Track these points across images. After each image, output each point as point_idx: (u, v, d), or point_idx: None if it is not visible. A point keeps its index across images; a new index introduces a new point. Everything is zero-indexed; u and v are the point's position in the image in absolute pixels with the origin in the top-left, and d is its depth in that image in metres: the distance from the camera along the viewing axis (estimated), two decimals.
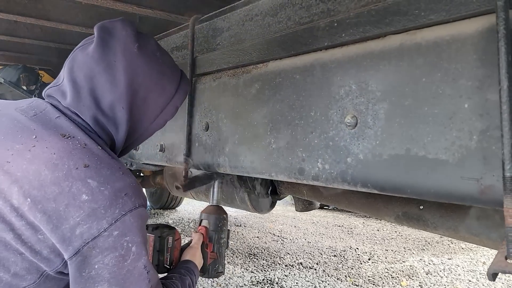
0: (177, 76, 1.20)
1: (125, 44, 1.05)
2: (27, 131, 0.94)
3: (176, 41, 1.95)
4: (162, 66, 1.13)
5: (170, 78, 1.16)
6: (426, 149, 0.91)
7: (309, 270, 3.91)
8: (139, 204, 0.94)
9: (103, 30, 1.07)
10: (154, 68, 1.10)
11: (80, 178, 0.88)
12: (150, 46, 1.13)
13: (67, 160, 0.89)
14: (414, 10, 0.92)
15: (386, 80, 1.00)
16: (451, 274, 3.95)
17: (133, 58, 1.05)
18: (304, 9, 1.27)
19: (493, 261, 0.77)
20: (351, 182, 1.09)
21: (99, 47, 1.04)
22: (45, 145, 0.91)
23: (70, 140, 0.95)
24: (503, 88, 0.74)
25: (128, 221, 0.90)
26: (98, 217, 0.86)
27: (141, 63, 1.06)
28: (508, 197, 0.74)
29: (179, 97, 1.20)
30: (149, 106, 1.11)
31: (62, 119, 1.00)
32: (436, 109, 0.89)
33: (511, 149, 0.74)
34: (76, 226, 0.84)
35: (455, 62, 0.86)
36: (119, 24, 1.09)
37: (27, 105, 1.04)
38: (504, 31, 0.74)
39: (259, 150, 1.40)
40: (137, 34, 1.11)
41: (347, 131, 1.10)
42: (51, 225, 0.84)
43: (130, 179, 0.96)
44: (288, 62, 1.30)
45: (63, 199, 0.85)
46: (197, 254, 1.44)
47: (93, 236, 0.85)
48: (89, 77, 1.02)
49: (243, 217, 6.29)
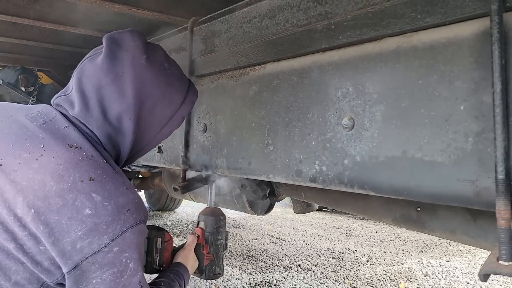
0: (184, 86, 1.21)
1: (134, 56, 1.06)
2: (35, 140, 0.94)
3: (175, 43, 1.95)
4: (170, 77, 1.14)
5: (177, 89, 1.16)
6: (422, 151, 0.91)
7: (307, 272, 3.91)
8: (140, 220, 0.95)
9: (111, 41, 1.08)
10: (161, 79, 1.10)
11: (84, 192, 0.88)
12: (159, 57, 1.13)
13: (73, 172, 0.89)
14: (410, 13, 0.92)
15: (383, 82, 1.01)
16: (449, 276, 3.96)
17: (141, 70, 1.06)
18: (301, 11, 1.27)
19: (485, 262, 0.77)
20: (348, 184, 1.10)
21: (108, 58, 1.04)
22: (52, 155, 0.91)
23: (77, 151, 0.95)
24: (496, 91, 0.75)
25: (128, 238, 0.90)
26: (100, 232, 0.86)
27: (149, 75, 1.07)
28: (500, 199, 0.74)
29: (185, 108, 1.20)
30: (156, 117, 1.11)
31: (71, 129, 1.00)
32: (432, 111, 0.89)
33: (503, 151, 0.75)
34: (77, 240, 0.85)
35: (451, 64, 0.86)
36: (127, 35, 1.10)
37: (37, 112, 1.05)
38: (498, 34, 0.75)
39: (256, 151, 1.40)
40: (146, 45, 1.11)
41: (344, 133, 1.10)
42: (52, 238, 0.84)
43: (133, 194, 0.97)
44: (285, 64, 1.31)
45: (66, 212, 0.85)
46: (189, 256, 1.44)
47: (94, 251, 0.85)
48: (97, 88, 1.03)
49: (241, 219, 6.28)
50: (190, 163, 1.75)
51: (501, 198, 0.74)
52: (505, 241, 0.75)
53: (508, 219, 0.75)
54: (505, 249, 0.75)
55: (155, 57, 1.11)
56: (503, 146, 0.75)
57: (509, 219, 0.75)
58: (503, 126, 0.75)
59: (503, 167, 0.75)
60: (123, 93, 1.03)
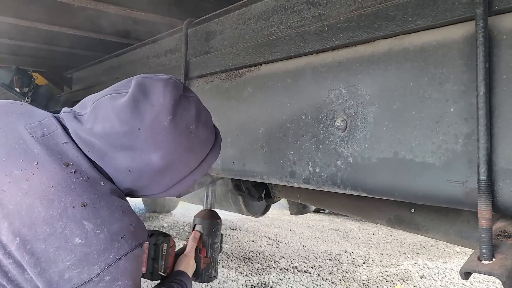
0: (206, 150, 1.07)
1: (157, 114, 0.94)
2: (29, 155, 0.89)
3: (170, 44, 1.96)
4: (192, 141, 1.01)
5: (197, 154, 1.05)
6: (413, 153, 0.92)
7: (303, 274, 3.91)
8: (136, 244, 0.88)
9: (140, 87, 0.96)
10: (182, 144, 0.98)
11: (75, 219, 0.82)
12: (186, 118, 0.99)
13: (65, 196, 0.84)
14: (402, 16, 0.93)
15: (375, 84, 1.01)
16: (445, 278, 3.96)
17: (161, 132, 0.94)
18: (295, 13, 1.28)
19: (466, 260, 0.79)
20: (341, 185, 1.10)
21: (129, 107, 0.94)
22: (45, 174, 0.86)
23: (72, 170, 0.89)
24: (479, 94, 0.76)
25: (122, 265, 0.85)
26: (90, 262, 0.81)
27: (168, 139, 0.95)
28: (481, 200, 0.75)
29: (200, 171, 1.08)
30: (164, 179, 1.01)
31: (69, 146, 0.93)
32: (423, 113, 0.90)
33: (486, 153, 0.76)
34: (65, 271, 0.80)
35: (441, 66, 0.87)
36: (160, 85, 0.97)
37: (38, 122, 0.98)
38: (482, 38, 0.76)
39: (251, 153, 1.41)
40: (177, 103, 0.97)
41: (337, 135, 1.11)
42: (38, 268, 0.79)
43: (130, 218, 0.90)
44: (280, 66, 1.31)
45: (54, 241, 0.80)
46: (191, 262, 1.42)
47: (83, 282, 0.80)
48: (107, 134, 0.94)
49: (238, 220, 6.28)
50: None
51: (483, 199, 0.76)
52: (485, 241, 0.76)
53: (488, 219, 0.76)
54: (485, 248, 0.76)
55: (182, 118, 0.98)
56: (485, 148, 0.76)
57: (489, 219, 0.76)
58: (485, 128, 0.76)
59: (485, 168, 0.76)
60: (132, 148, 0.94)
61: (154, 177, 0.98)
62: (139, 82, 0.97)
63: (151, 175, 0.97)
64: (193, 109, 1.02)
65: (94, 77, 2.93)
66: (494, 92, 0.78)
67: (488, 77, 0.76)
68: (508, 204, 0.77)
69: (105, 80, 2.65)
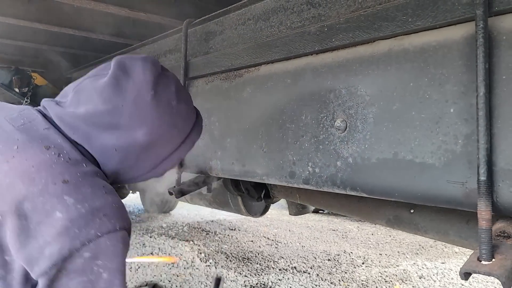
0: (188, 126, 1.10)
1: (139, 90, 0.97)
2: (10, 142, 0.89)
3: (169, 44, 1.96)
4: (175, 117, 1.04)
5: (180, 130, 1.07)
6: (413, 153, 0.92)
7: (302, 274, 3.91)
8: (120, 227, 0.85)
9: (120, 67, 0.99)
10: (165, 119, 1.00)
11: (56, 195, 0.81)
12: (168, 94, 1.02)
13: (46, 174, 0.83)
14: (402, 16, 0.93)
15: (375, 84, 1.01)
16: (444, 278, 3.96)
17: (144, 107, 0.96)
18: (295, 14, 1.28)
19: (466, 261, 0.79)
20: (340, 185, 1.10)
21: (111, 85, 0.96)
22: (25, 156, 0.85)
23: (53, 152, 0.88)
24: (479, 94, 0.76)
25: (104, 244, 0.81)
26: (71, 236, 0.79)
27: (152, 114, 0.97)
28: (481, 200, 0.76)
29: (184, 148, 1.10)
30: (149, 156, 1.02)
31: (51, 131, 0.93)
32: (423, 113, 0.90)
33: (485, 153, 0.76)
34: (45, 246, 0.78)
35: (441, 67, 0.87)
36: (139, 64, 1.00)
37: (18, 113, 0.98)
38: (482, 39, 0.76)
39: (250, 153, 1.41)
40: (156, 79, 1.00)
41: (337, 135, 1.11)
42: (18, 244, 0.78)
43: (113, 199, 0.89)
44: (279, 66, 1.31)
45: (35, 217, 0.79)
46: None
47: (63, 257, 0.78)
48: (90, 114, 0.95)
49: (237, 221, 6.28)
50: (184, 165, 1.75)
51: (482, 199, 0.76)
52: (485, 241, 0.76)
53: (488, 219, 0.76)
54: (485, 249, 0.76)
55: (163, 94, 1.01)
56: (485, 149, 0.76)
57: (489, 219, 0.76)
58: (485, 129, 0.76)
59: (484, 168, 0.76)
60: (117, 126, 0.95)
61: (140, 154, 0.99)
62: (118, 62, 0.99)
63: (137, 153, 0.98)
64: (173, 85, 1.05)
65: None
66: (494, 92, 0.78)
67: (488, 77, 0.77)
68: (508, 204, 0.77)
69: None
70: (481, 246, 0.77)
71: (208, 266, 4.05)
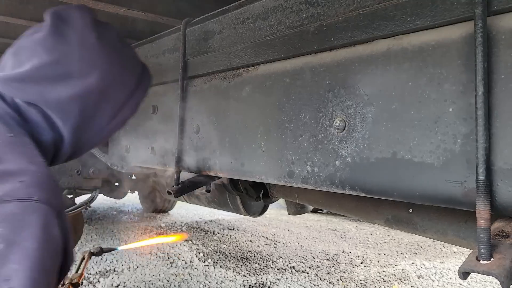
0: (138, 68, 1.11)
1: (83, 34, 0.95)
2: None
3: (168, 43, 1.95)
4: (123, 58, 1.04)
5: (131, 71, 1.07)
6: (412, 153, 0.92)
7: (301, 274, 3.91)
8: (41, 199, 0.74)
9: (56, 17, 0.96)
10: (114, 61, 1.00)
11: None
12: (111, 36, 1.03)
13: None
14: (400, 16, 0.93)
15: (374, 84, 1.01)
16: (442, 278, 3.97)
17: (91, 49, 0.95)
18: (294, 13, 1.28)
19: (465, 260, 0.79)
20: (339, 185, 1.10)
21: (52, 35, 0.92)
22: None
23: None
24: (478, 94, 0.76)
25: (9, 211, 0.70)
26: None
27: (101, 56, 0.96)
28: (480, 200, 0.76)
29: (140, 93, 1.09)
30: (107, 102, 1.00)
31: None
32: (421, 113, 0.90)
33: (484, 153, 0.76)
34: None
35: (440, 67, 0.87)
36: (75, 11, 0.98)
37: None
38: (481, 38, 0.76)
39: (249, 153, 1.41)
40: (95, 21, 1.00)
41: (335, 134, 1.11)
42: None
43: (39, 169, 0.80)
44: (278, 66, 1.31)
45: None
46: None
47: None
48: (37, 68, 0.90)
49: (236, 220, 6.28)
50: (183, 164, 1.74)
51: (481, 199, 0.76)
52: (484, 241, 0.76)
53: (487, 219, 0.76)
54: (483, 248, 0.76)
55: (106, 36, 1.00)
56: (483, 148, 0.76)
57: (488, 219, 0.76)
58: (484, 128, 0.76)
59: (483, 168, 0.76)
60: (69, 74, 0.92)
61: (98, 102, 0.98)
62: (53, 13, 0.97)
63: (95, 100, 0.97)
64: (113, 30, 1.07)
65: None
66: (492, 92, 0.78)
67: (486, 77, 0.77)
68: (506, 204, 0.77)
69: None
70: (480, 246, 0.77)
71: (206, 265, 4.05)
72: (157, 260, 4.16)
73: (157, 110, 1.98)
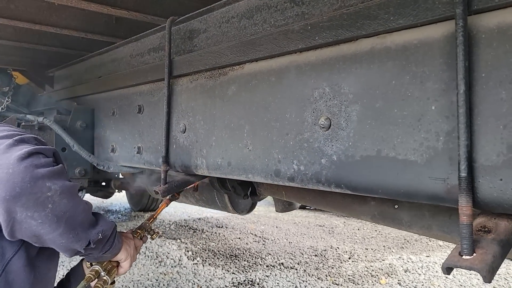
0: None
1: None
2: None
3: (153, 42, 1.94)
4: None
5: None
6: (396, 150, 0.93)
7: (290, 270, 3.93)
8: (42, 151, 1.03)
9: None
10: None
11: None
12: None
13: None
14: (383, 15, 0.94)
15: (358, 82, 1.02)
16: (428, 271, 4.03)
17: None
18: (279, 12, 1.28)
19: (448, 256, 0.80)
20: (325, 183, 1.11)
21: None
22: None
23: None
24: (459, 92, 0.77)
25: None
26: None
27: None
28: (462, 196, 0.77)
29: None
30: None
31: None
32: (405, 111, 0.91)
33: (466, 150, 0.77)
34: None
35: (422, 65, 0.88)
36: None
37: None
38: (462, 37, 0.77)
39: (236, 151, 1.41)
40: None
41: (321, 133, 1.11)
42: None
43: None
44: (264, 64, 1.31)
45: None
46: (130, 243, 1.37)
47: None
48: None
49: (224, 218, 6.27)
50: (170, 163, 1.74)
51: (463, 195, 0.77)
52: (466, 236, 0.78)
53: (469, 215, 0.77)
54: (466, 244, 0.78)
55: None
56: (465, 145, 0.77)
57: (470, 215, 0.77)
58: (466, 125, 0.77)
59: (465, 165, 0.77)
60: None
61: None
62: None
63: None
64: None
65: (77, 75, 2.88)
66: (473, 90, 0.79)
67: (468, 75, 0.78)
68: (488, 200, 0.79)
69: (88, 79, 2.61)
70: (462, 241, 0.78)
71: (195, 264, 4.04)
72: (145, 259, 4.14)
73: (143, 109, 1.97)
